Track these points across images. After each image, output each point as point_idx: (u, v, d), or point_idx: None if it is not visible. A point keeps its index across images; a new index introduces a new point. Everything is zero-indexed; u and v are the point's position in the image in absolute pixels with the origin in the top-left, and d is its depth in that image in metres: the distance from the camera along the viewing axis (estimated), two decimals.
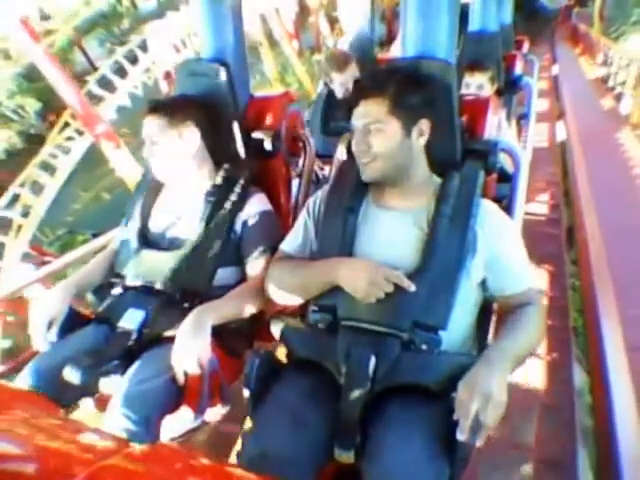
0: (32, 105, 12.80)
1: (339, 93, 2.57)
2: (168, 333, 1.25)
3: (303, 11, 13.75)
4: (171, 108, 1.38)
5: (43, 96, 12.58)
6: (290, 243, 1.30)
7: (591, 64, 9.34)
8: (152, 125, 1.37)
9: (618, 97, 6.56)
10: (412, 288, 1.03)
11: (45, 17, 12.27)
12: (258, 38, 12.73)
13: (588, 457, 1.71)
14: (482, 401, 0.88)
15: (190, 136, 1.40)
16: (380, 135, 1.11)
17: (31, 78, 12.58)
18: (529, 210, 3.22)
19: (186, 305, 1.31)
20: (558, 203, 3.50)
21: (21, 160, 12.27)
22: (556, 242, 3.02)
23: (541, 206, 3.41)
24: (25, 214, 9.06)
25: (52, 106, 12.68)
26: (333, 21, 13.43)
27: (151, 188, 1.51)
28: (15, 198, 9.23)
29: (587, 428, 1.87)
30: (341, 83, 2.52)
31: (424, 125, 1.14)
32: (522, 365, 1.04)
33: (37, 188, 9.59)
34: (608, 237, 2.96)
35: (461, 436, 0.87)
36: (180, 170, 1.41)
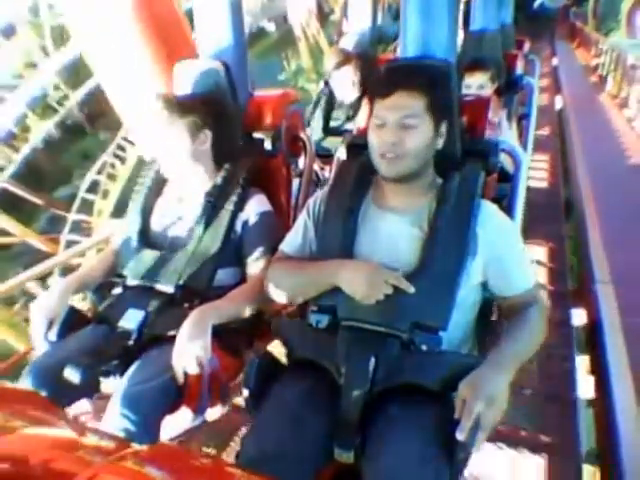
0: (75, 97, 13.48)
1: (337, 91, 2.58)
2: (168, 333, 1.25)
3: (320, 11, 14.18)
4: (186, 108, 1.38)
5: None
6: (290, 243, 1.29)
7: (584, 56, 11.30)
8: (166, 124, 1.36)
9: (601, 76, 8.90)
10: (411, 290, 1.03)
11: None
12: (297, 33, 13.46)
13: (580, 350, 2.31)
14: (485, 404, 0.88)
15: (203, 138, 1.41)
16: (414, 132, 1.08)
17: (73, 71, 13.40)
18: (539, 133, 5.07)
19: (186, 305, 1.31)
20: (554, 131, 5.88)
21: (60, 148, 13.25)
22: (555, 148, 5.23)
23: (545, 132, 5.73)
24: (104, 196, 9.90)
25: (90, 99, 13.40)
26: None
27: (152, 188, 1.51)
28: (94, 183, 10.07)
29: (580, 326, 2.53)
30: (339, 81, 2.52)
31: (444, 127, 1.14)
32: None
33: (111, 175, 10.47)
34: (590, 160, 4.59)
35: (460, 436, 0.87)
36: (188, 170, 1.41)
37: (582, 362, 2.25)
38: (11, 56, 13.26)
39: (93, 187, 9.82)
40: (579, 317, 2.55)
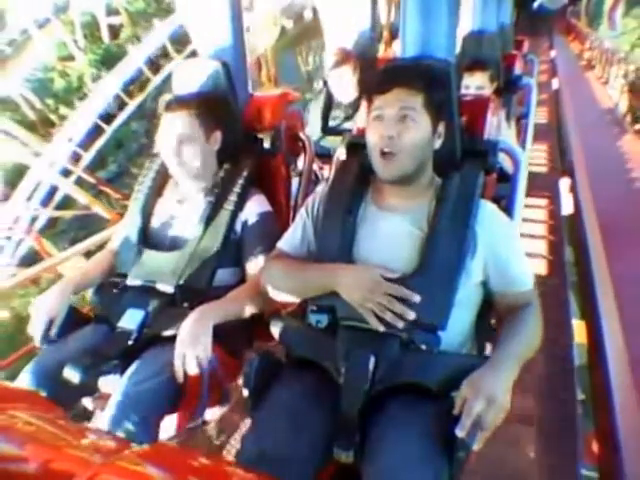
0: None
1: (334, 90, 2.56)
2: (167, 333, 1.25)
3: None
4: (203, 109, 1.38)
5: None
6: (288, 241, 1.29)
7: (578, 47, 13.48)
8: (184, 124, 1.36)
9: (589, 62, 11.01)
10: (416, 298, 1.03)
11: (113, 12, 14.40)
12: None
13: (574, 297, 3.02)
14: (485, 403, 0.88)
15: (216, 140, 1.43)
16: (413, 126, 1.07)
17: (109, 63, 14.37)
18: (540, 97, 6.62)
19: (186, 305, 1.31)
20: (551, 97, 8.08)
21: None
22: (551, 104, 7.63)
23: (544, 97, 7.60)
24: None
25: (123, 90, 14.16)
26: None
27: (153, 188, 1.51)
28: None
29: (574, 283, 3.24)
30: (336, 81, 2.50)
31: (442, 127, 1.14)
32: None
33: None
34: (575, 109, 6.86)
35: (460, 433, 0.87)
36: (199, 170, 1.41)
37: (564, 183, 4.59)
38: (42, 50, 13.63)
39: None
40: (565, 183, 4.62)
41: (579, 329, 2.64)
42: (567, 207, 4.14)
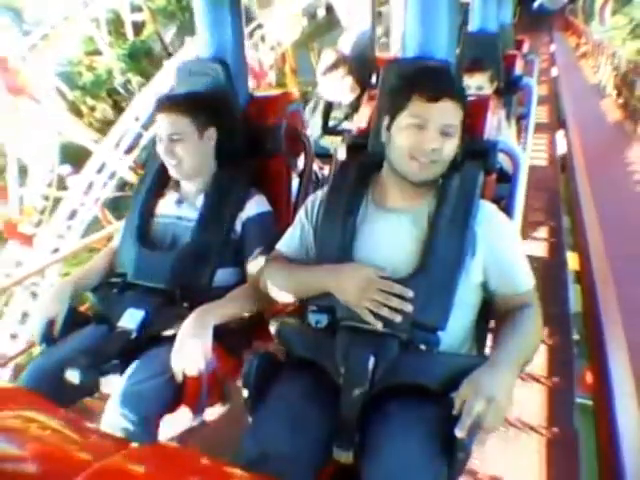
0: (138, 81, 14.94)
1: (324, 93, 2.51)
2: (167, 333, 1.25)
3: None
4: (193, 107, 1.39)
5: (145, 73, 14.74)
6: (286, 243, 1.29)
7: (575, 41, 15.69)
8: (174, 123, 1.36)
9: (584, 53, 13.29)
10: (409, 294, 1.03)
11: (137, 9, 14.78)
12: (344, 24, 14.47)
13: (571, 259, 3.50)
14: (485, 403, 0.88)
15: (210, 137, 1.42)
16: (452, 140, 1.08)
17: (135, 58, 15.21)
18: (542, 79, 8.48)
19: (186, 305, 1.31)
20: (550, 80, 10.02)
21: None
22: (550, 84, 9.88)
23: (545, 79, 9.72)
24: None
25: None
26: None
27: (153, 189, 1.51)
28: None
29: (571, 247, 3.76)
30: (326, 88, 2.42)
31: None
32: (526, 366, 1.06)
33: None
34: (569, 87, 9.30)
35: (460, 433, 0.86)
36: (195, 170, 1.42)
37: (560, 133, 6.61)
38: (68, 45, 13.89)
39: None
40: (560, 133, 6.50)
41: (572, 260, 3.44)
42: (561, 148, 6.07)
